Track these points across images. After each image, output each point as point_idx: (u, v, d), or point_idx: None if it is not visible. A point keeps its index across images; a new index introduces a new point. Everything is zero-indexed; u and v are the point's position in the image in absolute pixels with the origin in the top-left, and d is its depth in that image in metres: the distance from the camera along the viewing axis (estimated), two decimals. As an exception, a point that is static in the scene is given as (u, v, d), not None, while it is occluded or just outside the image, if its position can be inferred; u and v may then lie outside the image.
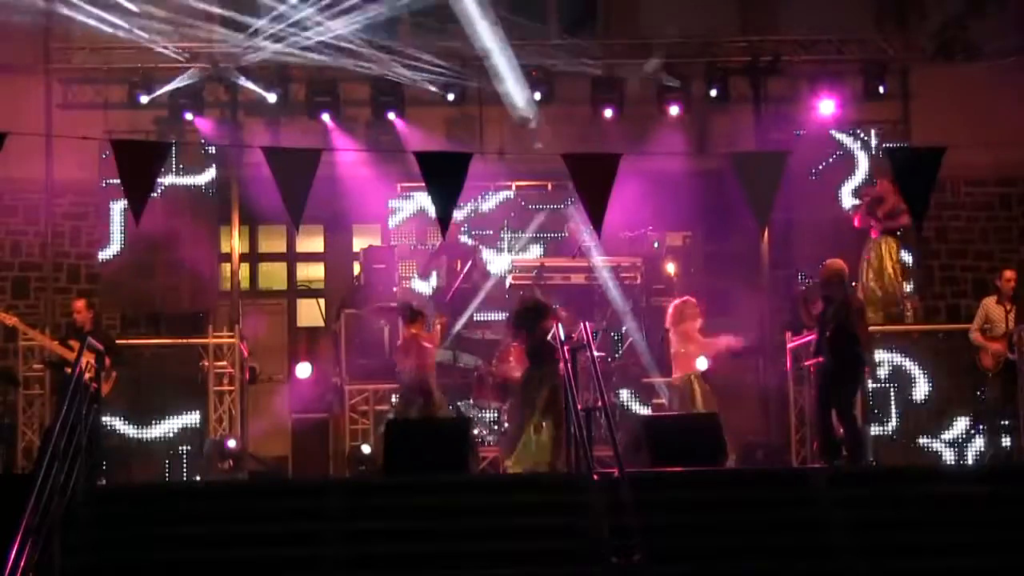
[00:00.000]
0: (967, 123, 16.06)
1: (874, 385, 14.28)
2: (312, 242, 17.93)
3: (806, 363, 14.12)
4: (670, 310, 13.95)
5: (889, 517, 10.36)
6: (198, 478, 14.35)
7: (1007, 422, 13.63)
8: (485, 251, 16.38)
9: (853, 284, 14.96)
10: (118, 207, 15.78)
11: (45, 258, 16.65)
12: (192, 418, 14.97)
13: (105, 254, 16.12)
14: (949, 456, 14.24)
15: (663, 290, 15.38)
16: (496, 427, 14.72)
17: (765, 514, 10.45)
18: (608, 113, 16.43)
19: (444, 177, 10.63)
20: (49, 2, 15.73)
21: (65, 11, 15.70)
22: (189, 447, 14.84)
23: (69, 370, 11.12)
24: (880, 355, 14.41)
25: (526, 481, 11.70)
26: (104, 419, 12.96)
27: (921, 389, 14.49)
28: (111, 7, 15.84)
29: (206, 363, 15.04)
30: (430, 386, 13.60)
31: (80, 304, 13.54)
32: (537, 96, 16.31)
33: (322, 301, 17.63)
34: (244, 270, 17.10)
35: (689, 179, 15.94)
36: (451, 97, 16.46)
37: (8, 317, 13.81)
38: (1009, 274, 13.68)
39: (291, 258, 18.06)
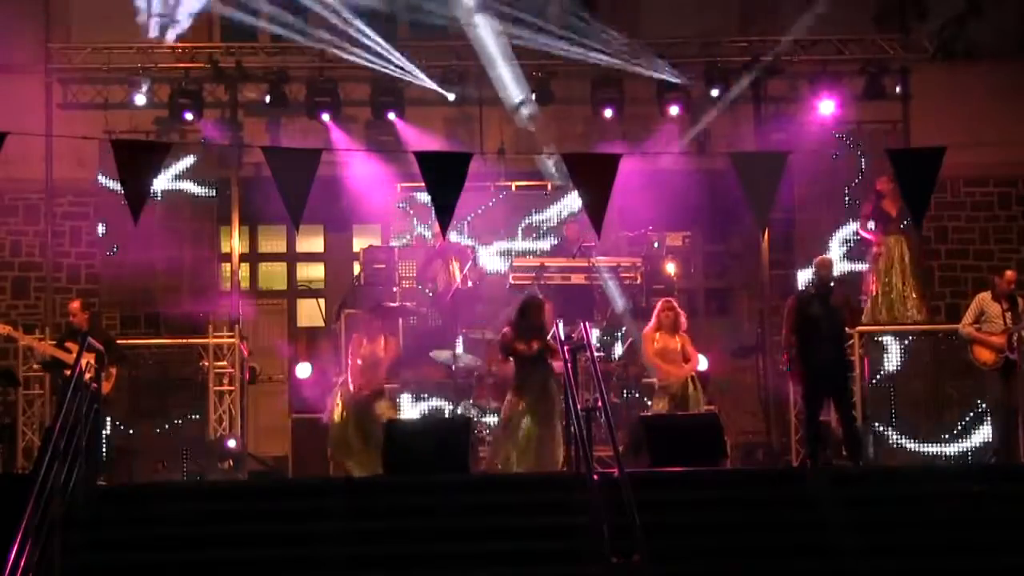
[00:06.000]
0: (967, 123, 16.06)
1: (874, 385, 14.30)
2: (312, 242, 17.92)
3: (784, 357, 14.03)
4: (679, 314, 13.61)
5: (889, 517, 10.37)
6: (198, 478, 14.35)
7: (1006, 420, 13.60)
8: (483, 251, 16.36)
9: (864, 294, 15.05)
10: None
11: (45, 258, 16.63)
12: (192, 418, 14.96)
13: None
14: (949, 456, 14.24)
15: (663, 290, 15.35)
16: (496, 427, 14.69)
17: (765, 514, 10.45)
18: (608, 113, 16.40)
19: (444, 177, 10.62)
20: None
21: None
22: (189, 447, 14.84)
23: (68, 372, 11.11)
24: (881, 355, 14.43)
25: (526, 481, 11.70)
26: (104, 419, 12.93)
27: (920, 389, 14.49)
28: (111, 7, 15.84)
29: (206, 363, 15.04)
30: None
31: (75, 306, 13.49)
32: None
33: (322, 301, 17.63)
34: (244, 270, 17.09)
35: (689, 179, 15.93)
36: (451, 97, 16.45)
37: (2, 327, 13.76)
38: (1010, 275, 13.63)
39: (291, 258, 18.06)
